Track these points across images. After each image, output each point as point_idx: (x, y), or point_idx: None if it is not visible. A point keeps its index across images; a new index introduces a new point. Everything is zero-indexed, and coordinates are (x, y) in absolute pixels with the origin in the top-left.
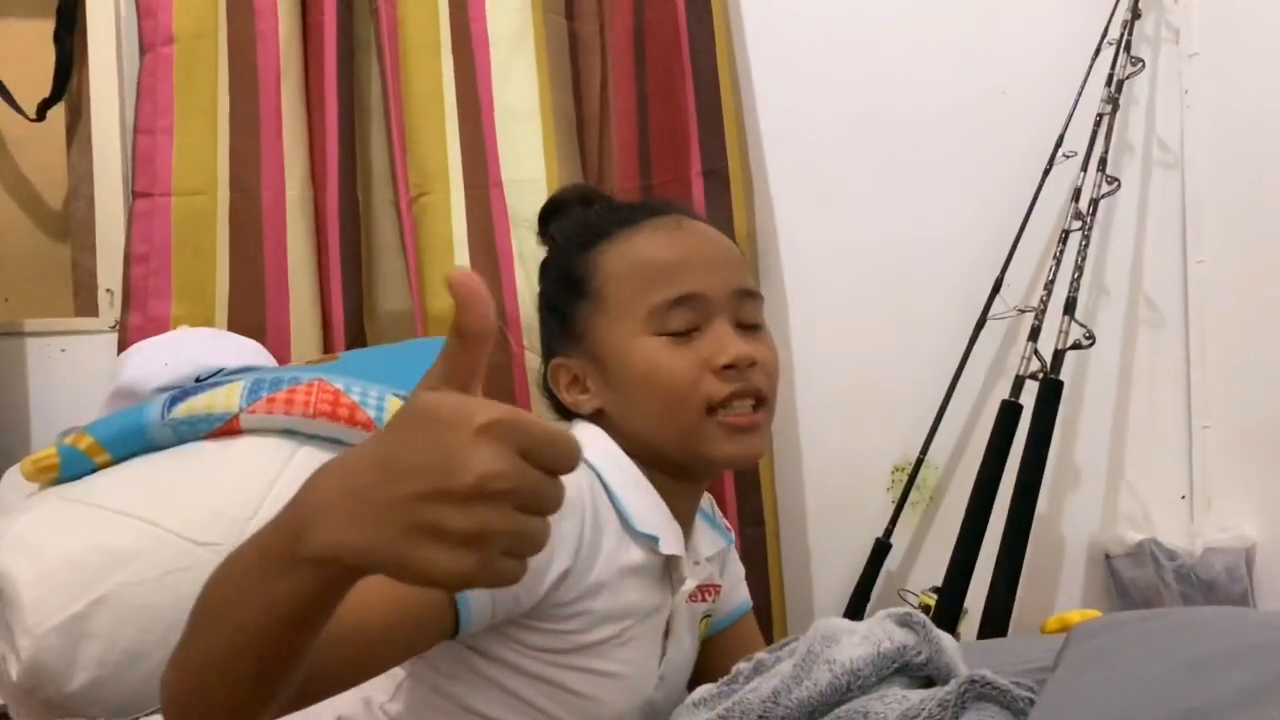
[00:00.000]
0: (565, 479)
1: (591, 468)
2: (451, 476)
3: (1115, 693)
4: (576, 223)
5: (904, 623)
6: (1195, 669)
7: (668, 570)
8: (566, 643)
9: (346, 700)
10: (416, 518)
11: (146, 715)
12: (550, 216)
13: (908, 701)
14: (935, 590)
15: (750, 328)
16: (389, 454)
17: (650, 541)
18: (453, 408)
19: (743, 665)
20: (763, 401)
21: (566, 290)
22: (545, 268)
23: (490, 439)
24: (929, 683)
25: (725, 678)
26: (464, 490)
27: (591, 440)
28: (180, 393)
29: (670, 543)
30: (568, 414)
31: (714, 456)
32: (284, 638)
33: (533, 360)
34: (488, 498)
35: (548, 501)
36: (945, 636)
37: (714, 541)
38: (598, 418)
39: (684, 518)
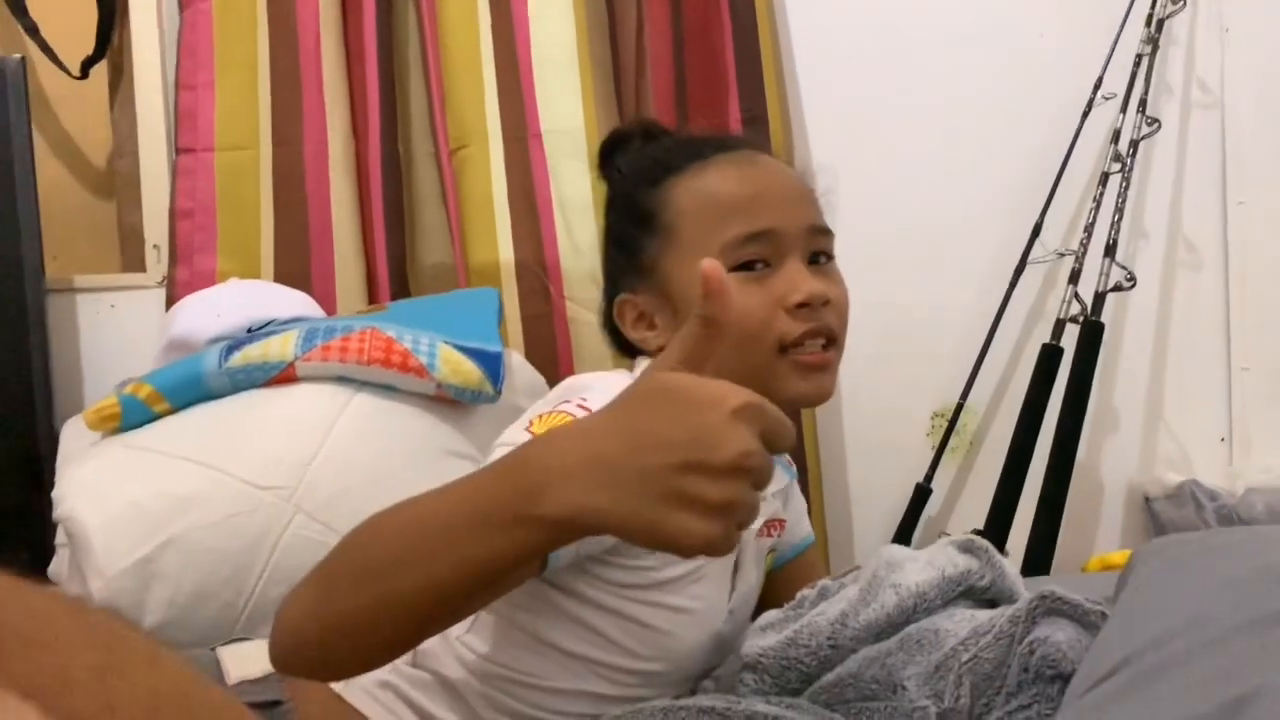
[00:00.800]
0: None
1: None
2: (711, 451)
3: (1192, 598)
4: (644, 156)
5: (966, 548)
6: (1273, 573)
7: None
8: (644, 578)
9: None
10: (674, 486)
11: (221, 645)
12: (613, 151)
13: (976, 619)
14: (976, 533)
15: (822, 265)
16: (638, 427)
17: None
18: (705, 389)
19: (807, 592)
20: (833, 340)
21: (635, 225)
22: (611, 202)
23: (744, 420)
24: (991, 606)
25: (791, 603)
26: (722, 464)
27: None
28: (236, 342)
29: None
30: (632, 351)
31: (786, 395)
32: (474, 589)
33: (573, 310)
34: (741, 473)
35: (769, 480)
36: (1006, 562)
37: (778, 477)
38: None
39: None
